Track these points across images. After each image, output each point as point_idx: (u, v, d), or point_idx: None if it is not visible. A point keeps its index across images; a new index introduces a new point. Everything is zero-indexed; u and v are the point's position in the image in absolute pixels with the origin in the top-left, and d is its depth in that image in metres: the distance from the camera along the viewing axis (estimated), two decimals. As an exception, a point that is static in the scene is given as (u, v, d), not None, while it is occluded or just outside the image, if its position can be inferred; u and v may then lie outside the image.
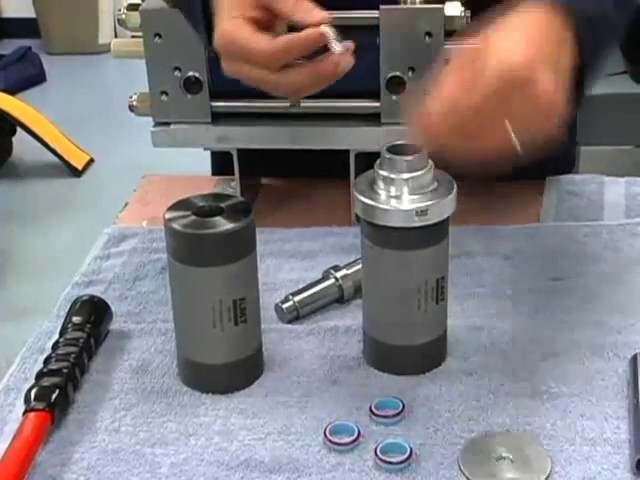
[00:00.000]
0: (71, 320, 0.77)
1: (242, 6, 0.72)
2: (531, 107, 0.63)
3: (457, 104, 0.63)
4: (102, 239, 0.95)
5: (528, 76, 0.62)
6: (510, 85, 0.62)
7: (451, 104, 0.64)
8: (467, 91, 0.63)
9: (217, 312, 0.70)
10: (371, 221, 0.70)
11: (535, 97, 0.63)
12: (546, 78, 0.63)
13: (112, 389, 0.73)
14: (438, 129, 0.64)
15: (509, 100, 0.63)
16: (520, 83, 0.63)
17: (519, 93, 0.63)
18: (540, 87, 0.63)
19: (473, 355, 0.75)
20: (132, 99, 0.94)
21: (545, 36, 0.66)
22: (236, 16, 0.72)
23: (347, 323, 0.80)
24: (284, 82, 0.72)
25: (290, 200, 1.01)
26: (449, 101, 0.64)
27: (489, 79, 0.63)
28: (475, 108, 0.63)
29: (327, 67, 0.71)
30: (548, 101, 0.63)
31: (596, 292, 0.83)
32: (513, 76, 0.62)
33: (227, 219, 0.69)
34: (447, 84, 0.65)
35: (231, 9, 0.73)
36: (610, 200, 0.97)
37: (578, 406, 0.69)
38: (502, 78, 0.62)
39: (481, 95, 0.63)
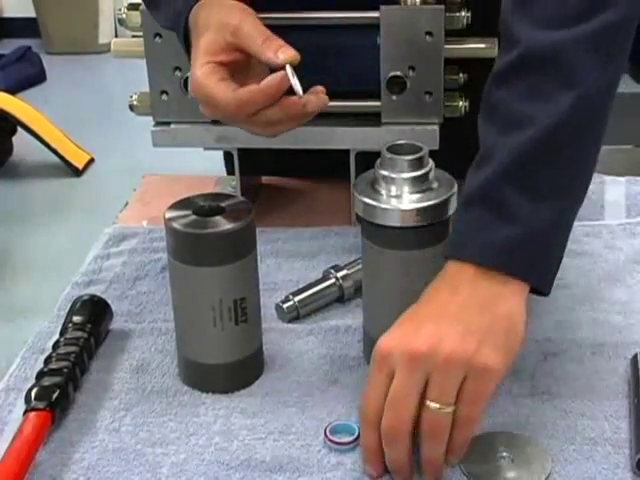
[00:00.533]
0: (71, 320, 0.77)
1: (214, 50, 0.72)
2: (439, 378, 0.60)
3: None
4: (102, 239, 0.95)
5: (383, 360, 0.61)
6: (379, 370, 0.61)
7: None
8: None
9: (217, 312, 0.70)
10: (371, 221, 0.70)
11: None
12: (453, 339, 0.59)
13: (112, 389, 0.73)
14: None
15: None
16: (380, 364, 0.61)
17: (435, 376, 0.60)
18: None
19: (473, 355, 0.75)
20: (132, 99, 0.94)
21: (453, 305, 0.61)
22: (207, 61, 0.72)
23: (347, 323, 0.80)
24: (256, 126, 0.72)
25: (290, 200, 1.01)
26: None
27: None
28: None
29: (295, 108, 0.70)
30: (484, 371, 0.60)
31: (596, 291, 0.82)
32: (376, 358, 0.61)
33: (227, 219, 0.69)
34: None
35: (204, 53, 0.72)
36: (610, 200, 0.97)
37: (578, 406, 0.69)
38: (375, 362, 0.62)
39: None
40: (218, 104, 0.71)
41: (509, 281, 0.61)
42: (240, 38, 0.72)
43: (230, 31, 0.72)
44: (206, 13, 0.75)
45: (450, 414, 0.60)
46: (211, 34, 0.73)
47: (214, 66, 0.72)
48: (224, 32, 0.72)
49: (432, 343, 0.59)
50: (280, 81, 0.69)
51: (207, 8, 0.75)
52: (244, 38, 0.72)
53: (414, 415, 0.60)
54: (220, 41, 0.72)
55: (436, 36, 0.85)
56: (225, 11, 0.74)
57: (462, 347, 0.59)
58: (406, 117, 0.89)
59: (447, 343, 0.59)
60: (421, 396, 0.60)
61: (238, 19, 0.73)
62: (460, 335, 0.60)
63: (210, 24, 0.74)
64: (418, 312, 0.63)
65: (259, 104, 0.70)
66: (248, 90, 0.70)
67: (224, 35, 0.72)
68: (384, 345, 0.61)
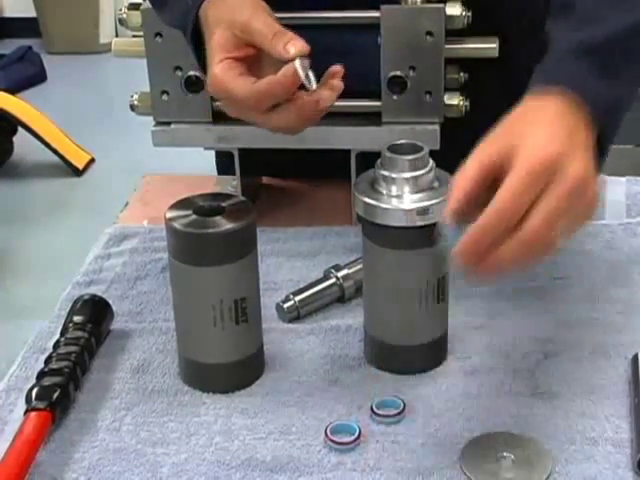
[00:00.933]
0: (72, 319, 0.77)
1: (228, 47, 0.73)
2: (564, 192, 0.61)
3: (498, 204, 0.60)
4: (103, 239, 0.95)
5: (558, 161, 0.61)
6: (541, 179, 0.60)
7: (493, 208, 0.60)
8: (508, 186, 0.60)
9: (218, 311, 0.70)
10: (372, 220, 0.70)
11: (567, 183, 0.61)
12: (575, 161, 0.61)
13: (113, 389, 0.73)
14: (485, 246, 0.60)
15: (543, 188, 0.61)
16: (552, 168, 0.61)
17: (552, 179, 0.61)
18: (571, 171, 0.61)
19: (474, 355, 0.75)
20: (133, 98, 0.94)
21: (567, 123, 0.64)
22: (223, 58, 0.72)
23: (348, 322, 0.80)
24: (272, 124, 0.73)
25: (291, 200, 1.01)
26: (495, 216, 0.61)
27: (519, 177, 0.60)
28: (514, 200, 0.60)
29: (308, 106, 0.71)
30: (580, 186, 0.61)
31: (597, 291, 0.82)
32: (543, 169, 0.60)
33: (228, 219, 0.69)
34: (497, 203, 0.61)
35: (219, 50, 0.73)
36: (611, 199, 0.97)
37: (579, 405, 0.69)
38: (533, 173, 0.60)
39: (517, 186, 0.60)
40: (237, 98, 0.71)
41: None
42: (250, 34, 0.72)
43: (240, 28, 0.73)
44: (216, 10, 0.75)
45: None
46: (223, 31, 0.73)
47: (231, 62, 0.72)
48: (234, 29, 0.73)
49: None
50: (295, 71, 0.69)
51: (217, 4, 0.76)
52: (254, 34, 0.72)
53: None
54: (232, 37, 0.73)
55: (436, 36, 0.85)
56: (235, 7, 0.74)
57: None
58: (406, 117, 0.89)
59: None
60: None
61: (247, 15, 0.73)
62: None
63: (221, 21, 0.74)
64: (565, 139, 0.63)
65: (277, 96, 0.70)
66: (266, 81, 0.70)
67: (234, 31, 0.73)
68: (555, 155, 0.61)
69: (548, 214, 0.60)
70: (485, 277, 0.62)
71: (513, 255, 0.61)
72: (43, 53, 4.06)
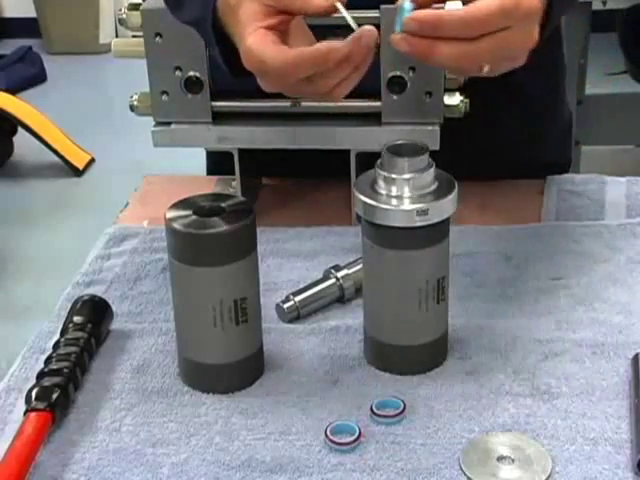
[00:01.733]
0: (72, 320, 0.77)
1: (257, 17, 0.71)
2: (519, 43, 0.69)
3: (471, 13, 0.66)
4: (103, 239, 0.95)
5: (533, 16, 0.68)
6: (520, 15, 0.67)
7: (466, 13, 0.66)
8: (485, 6, 0.66)
9: (218, 312, 0.70)
10: (372, 221, 0.70)
11: (526, 37, 0.69)
12: (536, 25, 0.69)
13: (113, 389, 0.73)
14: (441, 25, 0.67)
15: (509, 27, 0.67)
16: (526, 18, 0.68)
17: (520, 26, 0.68)
18: (532, 30, 0.69)
19: (474, 355, 0.75)
20: (133, 99, 0.94)
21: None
22: (255, 29, 0.71)
23: (348, 323, 0.80)
24: (312, 89, 0.70)
25: (291, 200, 1.01)
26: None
27: (508, 1, 0.67)
28: (486, 22, 0.67)
29: (351, 63, 0.69)
30: (531, 45, 0.70)
31: (597, 292, 0.82)
32: (527, 8, 0.67)
33: (228, 219, 0.69)
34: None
35: (248, 22, 0.71)
36: (611, 200, 0.97)
37: (579, 406, 0.69)
38: (516, 5, 0.67)
39: (495, 12, 0.66)
40: (271, 69, 0.69)
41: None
42: (279, 1, 0.71)
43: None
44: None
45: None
46: (248, 4, 0.72)
47: (264, 31, 0.70)
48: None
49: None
50: (330, 51, 0.68)
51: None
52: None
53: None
54: (260, 8, 0.71)
55: (436, 36, 0.85)
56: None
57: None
58: (406, 117, 0.89)
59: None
60: None
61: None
62: None
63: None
64: None
65: (312, 68, 0.68)
66: (300, 52, 0.68)
67: (263, 1, 0.71)
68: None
69: (496, 49, 0.68)
70: (414, 52, 0.69)
71: (448, 56, 0.67)
72: (43, 53, 4.07)
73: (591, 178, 1.01)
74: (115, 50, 0.95)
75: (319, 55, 0.68)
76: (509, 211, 0.96)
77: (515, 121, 1.01)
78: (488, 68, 0.70)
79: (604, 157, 2.38)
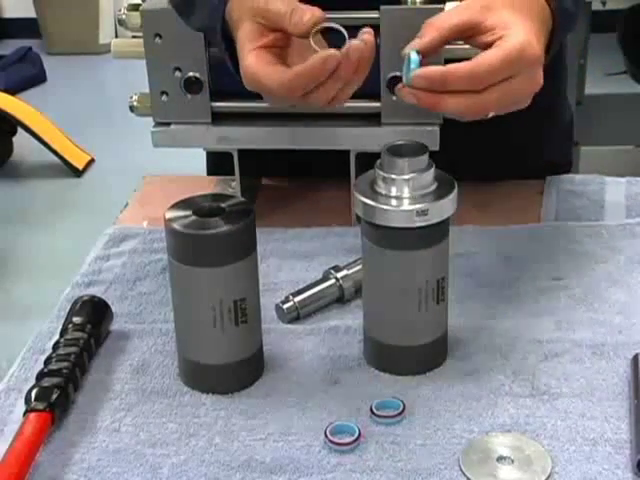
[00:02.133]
0: (72, 320, 0.77)
1: (253, 37, 0.72)
2: (526, 89, 0.71)
3: (478, 67, 0.69)
4: (102, 239, 0.95)
5: (538, 62, 0.71)
6: (525, 63, 0.69)
7: (472, 66, 0.69)
8: (489, 59, 0.69)
9: (217, 312, 0.70)
10: (372, 221, 0.70)
11: (532, 82, 0.71)
12: (541, 69, 0.72)
13: (113, 389, 0.73)
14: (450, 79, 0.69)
15: (513, 75, 0.69)
16: (530, 65, 0.70)
17: (524, 73, 0.70)
18: (537, 74, 0.71)
19: (474, 355, 0.75)
20: (132, 99, 0.94)
21: (542, 27, 0.74)
22: (250, 49, 0.72)
23: (347, 323, 0.80)
24: (311, 101, 0.71)
25: (290, 200, 1.01)
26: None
27: (511, 52, 0.69)
28: (492, 74, 0.69)
29: (346, 72, 0.69)
30: (537, 88, 0.72)
31: (597, 292, 0.82)
32: (531, 56, 0.70)
33: (227, 219, 0.69)
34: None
35: (246, 43, 0.72)
36: (611, 200, 0.97)
37: (579, 406, 0.69)
38: (520, 54, 0.69)
39: (500, 64, 0.69)
40: (269, 90, 0.71)
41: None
42: (270, 18, 0.72)
43: (260, 14, 0.72)
44: (237, 5, 0.75)
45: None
46: (246, 23, 0.73)
47: (258, 52, 0.72)
48: (256, 16, 0.73)
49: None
50: (324, 62, 0.68)
51: (237, 0, 0.76)
52: (274, 17, 0.72)
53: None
54: (256, 27, 0.72)
55: (436, 36, 0.85)
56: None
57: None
58: (406, 118, 0.89)
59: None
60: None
61: (265, 1, 0.72)
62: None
63: (243, 13, 0.74)
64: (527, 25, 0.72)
65: (307, 85, 0.70)
66: (293, 73, 0.70)
67: (257, 20, 0.72)
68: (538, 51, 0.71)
69: (503, 98, 0.70)
70: (421, 104, 0.71)
71: (456, 107, 0.70)
72: (43, 54, 4.07)
73: (591, 178, 1.01)
74: (115, 51, 0.95)
75: (315, 69, 0.69)
76: (509, 211, 0.96)
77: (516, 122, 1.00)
78: (493, 114, 0.72)
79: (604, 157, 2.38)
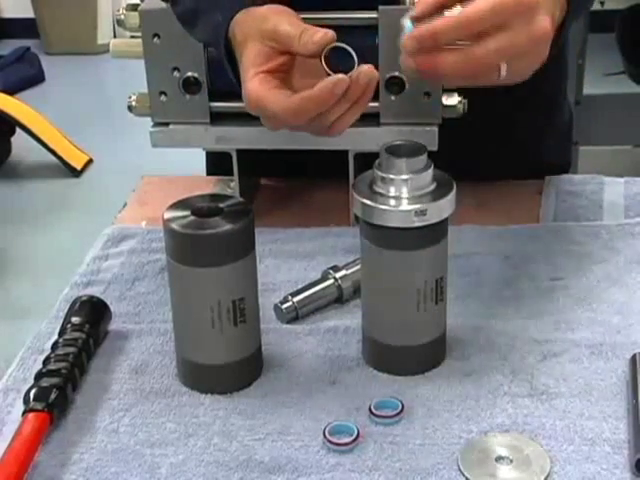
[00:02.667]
0: (70, 320, 0.77)
1: (259, 60, 0.72)
2: (525, 36, 0.67)
3: (465, 13, 0.66)
4: (101, 239, 0.94)
5: (533, 7, 0.67)
6: (517, 7, 0.66)
7: (460, 15, 0.66)
8: (477, 4, 0.66)
9: (216, 312, 0.70)
10: (370, 221, 0.70)
11: (532, 29, 0.67)
12: (545, 16, 0.68)
13: (111, 389, 0.73)
14: (438, 31, 0.66)
15: (509, 22, 0.67)
16: (524, 10, 0.67)
17: (520, 19, 0.67)
18: (539, 21, 0.68)
19: (472, 355, 0.75)
20: (131, 99, 0.94)
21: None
22: (255, 73, 0.72)
23: (346, 323, 0.80)
24: (314, 127, 0.71)
25: (289, 200, 1.01)
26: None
27: (490, 2, 0.66)
28: (481, 19, 0.66)
29: (353, 92, 0.69)
30: (541, 36, 0.68)
31: (595, 292, 0.82)
32: (514, 6, 0.66)
33: (226, 219, 0.69)
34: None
35: (250, 66, 0.72)
36: (609, 200, 0.97)
37: (577, 406, 0.69)
38: (504, 5, 0.66)
39: (489, 9, 0.66)
40: (272, 114, 0.70)
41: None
42: (279, 40, 0.72)
43: (268, 36, 0.72)
44: (242, 26, 0.75)
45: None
46: (252, 45, 0.73)
47: (263, 76, 0.71)
48: (264, 39, 0.72)
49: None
50: (333, 87, 0.68)
51: (242, 21, 0.76)
52: (282, 39, 0.72)
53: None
54: (263, 49, 0.72)
55: (435, 36, 0.85)
56: (260, 17, 0.74)
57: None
58: (405, 118, 0.89)
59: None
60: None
61: (273, 21, 0.73)
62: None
63: (248, 36, 0.74)
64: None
65: (313, 111, 0.69)
66: (300, 97, 0.69)
67: (264, 42, 0.72)
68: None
69: (502, 48, 0.67)
70: (422, 72, 0.69)
71: (454, 65, 0.67)
72: (41, 54, 4.06)
73: (589, 178, 1.01)
74: (113, 51, 0.95)
75: (323, 93, 0.68)
76: (507, 211, 0.96)
77: (515, 122, 1.01)
78: (504, 70, 0.68)
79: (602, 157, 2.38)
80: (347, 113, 0.71)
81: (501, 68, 0.68)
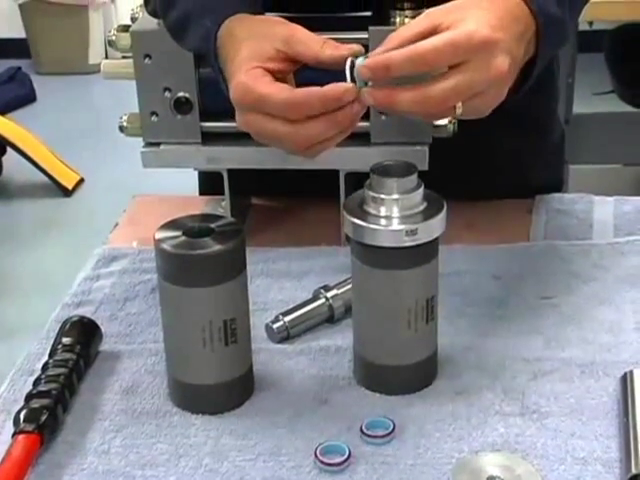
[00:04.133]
0: (61, 341, 0.77)
1: (260, 57, 0.72)
2: (481, 76, 0.68)
3: (419, 48, 0.67)
4: (92, 260, 0.94)
5: (491, 47, 0.67)
6: (472, 46, 0.67)
7: (413, 48, 0.67)
8: (432, 40, 0.67)
9: (207, 332, 0.70)
10: (361, 241, 0.70)
11: (489, 69, 0.68)
12: (504, 57, 0.68)
13: (102, 410, 0.73)
14: (396, 63, 0.67)
15: (465, 62, 0.67)
16: (482, 49, 0.67)
17: (477, 59, 0.67)
18: (497, 62, 0.68)
19: (463, 374, 0.75)
20: (122, 120, 0.94)
21: (513, 23, 0.71)
22: (254, 67, 0.72)
23: (337, 343, 0.80)
24: (302, 134, 0.70)
25: (280, 220, 1.02)
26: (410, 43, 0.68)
27: (455, 35, 0.67)
28: (435, 55, 0.67)
29: (344, 115, 0.69)
30: (498, 76, 0.68)
31: (586, 311, 0.83)
32: (479, 39, 0.67)
33: (217, 240, 0.69)
34: (411, 31, 0.69)
35: (250, 59, 0.72)
36: (599, 219, 0.98)
37: (568, 425, 0.69)
38: (468, 38, 0.67)
39: (443, 45, 0.66)
40: (272, 103, 0.69)
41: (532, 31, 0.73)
42: (294, 45, 0.72)
43: (282, 39, 0.72)
44: (247, 25, 0.76)
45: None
46: (256, 42, 0.73)
47: (263, 70, 0.71)
48: (273, 40, 0.73)
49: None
50: (344, 91, 0.68)
51: (246, 21, 0.76)
52: (299, 44, 0.72)
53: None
54: (268, 49, 0.72)
55: (424, 57, 0.85)
56: (270, 23, 0.75)
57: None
58: (395, 137, 0.89)
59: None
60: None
61: (289, 27, 0.73)
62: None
63: (254, 34, 0.74)
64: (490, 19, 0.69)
65: (315, 107, 0.69)
66: (309, 89, 0.69)
67: (273, 43, 0.72)
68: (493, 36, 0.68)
69: (457, 87, 0.67)
70: (377, 103, 0.69)
71: (410, 102, 0.68)
72: (32, 74, 4.07)
73: (579, 197, 1.02)
74: (105, 72, 0.96)
75: (331, 93, 0.68)
76: (498, 230, 0.97)
77: (507, 142, 1.01)
78: (460, 110, 0.69)
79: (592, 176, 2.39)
80: (338, 134, 0.72)
81: (457, 106, 0.69)
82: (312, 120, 0.70)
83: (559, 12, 0.75)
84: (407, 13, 0.86)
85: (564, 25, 0.77)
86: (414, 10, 0.87)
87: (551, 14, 0.74)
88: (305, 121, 0.69)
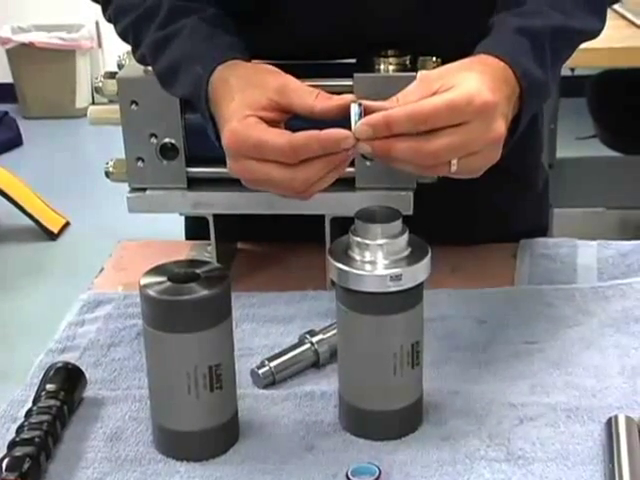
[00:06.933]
0: (45, 388, 0.76)
1: (255, 106, 0.73)
2: (479, 137, 0.70)
3: (419, 107, 0.69)
4: (77, 305, 0.94)
5: (492, 110, 0.70)
6: (474, 109, 0.69)
7: (415, 107, 0.69)
8: (433, 100, 0.69)
9: (192, 378, 0.69)
10: (346, 286, 0.70)
11: (487, 131, 0.70)
12: (501, 119, 0.71)
13: (86, 457, 0.72)
14: (395, 124, 0.69)
15: (466, 122, 0.69)
16: (484, 111, 0.69)
17: (478, 120, 0.69)
18: (495, 125, 0.71)
19: (449, 420, 0.75)
20: (108, 165, 0.95)
21: (504, 85, 0.73)
22: (249, 114, 0.73)
23: (323, 388, 0.79)
24: (299, 177, 0.71)
25: (266, 264, 1.02)
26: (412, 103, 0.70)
27: (456, 97, 0.69)
28: (435, 115, 0.68)
29: (341, 157, 0.71)
30: (495, 139, 0.71)
31: (570, 355, 0.83)
32: (481, 102, 0.69)
33: (202, 285, 0.69)
34: (414, 94, 0.71)
35: (245, 107, 0.73)
36: (582, 263, 0.98)
37: (554, 471, 0.69)
38: (469, 100, 0.69)
39: (444, 106, 0.68)
40: (269, 148, 0.70)
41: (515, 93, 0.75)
42: (288, 95, 0.73)
43: (274, 89, 0.74)
44: (240, 73, 0.77)
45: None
46: (250, 92, 0.74)
47: (257, 119, 0.73)
48: (266, 90, 0.74)
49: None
50: (345, 137, 0.69)
51: (239, 69, 0.78)
52: (293, 94, 0.73)
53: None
54: (261, 99, 0.74)
55: (408, 104, 0.86)
56: (263, 72, 0.76)
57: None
58: (380, 182, 0.90)
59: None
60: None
61: (283, 78, 0.75)
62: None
63: (247, 83, 0.75)
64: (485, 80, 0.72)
65: (314, 151, 0.70)
66: (307, 134, 0.70)
67: (266, 93, 0.74)
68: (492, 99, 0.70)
69: (454, 145, 0.69)
70: (374, 152, 0.71)
71: (406, 153, 0.69)
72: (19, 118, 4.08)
73: (563, 241, 1.02)
74: (91, 117, 0.96)
75: (333, 137, 0.70)
76: (482, 274, 0.97)
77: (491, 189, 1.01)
78: (455, 167, 0.71)
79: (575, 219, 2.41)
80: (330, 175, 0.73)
81: (452, 163, 0.70)
82: (308, 163, 0.71)
83: (541, 74, 0.77)
84: (391, 60, 0.88)
85: (547, 86, 0.79)
86: (398, 57, 0.88)
87: (534, 77, 0.76)
88: (301, 164, 0.71)
